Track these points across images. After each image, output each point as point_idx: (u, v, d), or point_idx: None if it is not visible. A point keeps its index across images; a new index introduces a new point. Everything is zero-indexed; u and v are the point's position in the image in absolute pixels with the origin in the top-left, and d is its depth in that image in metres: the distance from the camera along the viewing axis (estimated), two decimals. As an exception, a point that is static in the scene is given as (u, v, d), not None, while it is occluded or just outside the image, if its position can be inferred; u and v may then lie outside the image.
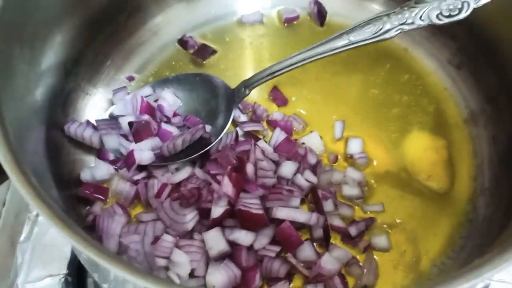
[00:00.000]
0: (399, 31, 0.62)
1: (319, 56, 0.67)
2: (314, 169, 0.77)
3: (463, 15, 0.60)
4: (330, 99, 0.86)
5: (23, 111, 0.65)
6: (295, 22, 0.94)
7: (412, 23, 0.61)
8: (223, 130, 0.77)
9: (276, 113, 0.84)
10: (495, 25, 0.78)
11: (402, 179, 0.78)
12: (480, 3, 0.59)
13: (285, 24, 0.94)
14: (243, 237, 0.67)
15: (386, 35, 0.63)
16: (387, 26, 0.62)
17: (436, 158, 0.77)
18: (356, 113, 0.84)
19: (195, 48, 0.91)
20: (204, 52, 0.90)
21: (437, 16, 0.60)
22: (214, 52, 0.91)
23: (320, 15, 0.94)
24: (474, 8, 0.60)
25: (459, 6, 0.59)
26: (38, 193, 0.51)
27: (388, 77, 0.88)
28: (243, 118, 0.83)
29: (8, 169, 0.47)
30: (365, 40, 0.64)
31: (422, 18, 0.61)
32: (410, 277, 0.69)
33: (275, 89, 0.87)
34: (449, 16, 0.60)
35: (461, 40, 0.86)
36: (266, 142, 0.80)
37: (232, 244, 0.67)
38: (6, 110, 0.57)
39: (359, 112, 0.84)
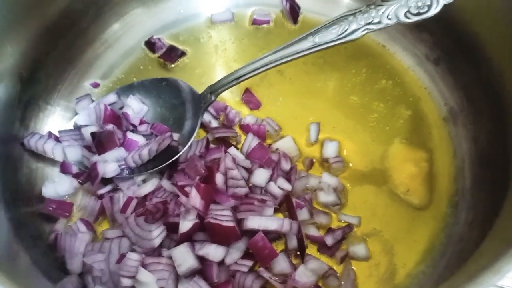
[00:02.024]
0: (365, 31, 0.59)
1: (284, 60, 0.63)
2: (288, 175, 0.74)
3: (432, 12, 0.56)
4: (305, 100, 0.83)
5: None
6: (264, 25, 0.90)
7: (379, 22, 0.58)
8: (191, 137, 0.73)
9: (248, 117, 0.81)
10: (471, 20, 0.75)
11: (380, 185, 0.75)
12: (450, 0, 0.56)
13: (253, 25, 0.90)
14: (214, 252, 0.64)
15: (353, 36, 0.59)
16: (353, 26, 0.59)
17: (416, 171, 0.74)
18: (332, 114, 0.81)
19: (163, 50, 0.87)
20: (172, 54, 0.86)
21: (405, 15, 0.57)
22: (183, 54, 0.87)
23: (293, 11, 0.90)
24: (446, 4, 0.56)
25: (428, 3, 0.56)
26: None
27: (366, 79, 0.84)
28: (214, 123, 0.80)
29: None
30: (331, 41, 0.60)
31: (390, 16, 0.57)
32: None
33: (247, 91, 0.83)
34: (418, 14, 0.56)
35: (438, 35, 0.83)
36: (238, 149, 0.76)
37: (202, 260, 0.64)
38: None
39: (335, 114, 0.81)
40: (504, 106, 0.71)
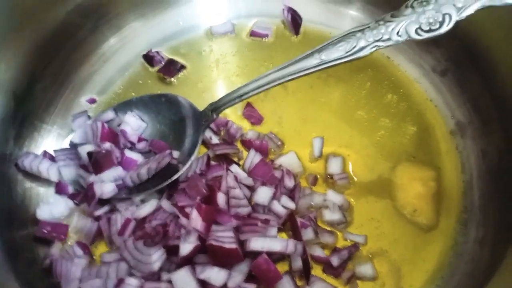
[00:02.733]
0: (374, 49, 0.56)
1: (289, 78, 0.61)
2: (292, 193, 0.72)
3: (444, 29, 0.54)
4: (308, 114, 0.80)
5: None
6: (263, 39, 0.87)
7: (389, 39, 0.55)
8: (192, 156, 0.71)
9: (250, 132, 0.79)
10: (480, 32, 0.73)
11: (386, 202, 0.72)
12: (463, 15, 0.53)
13: (251, 36, 0.88)
14: (215, 276, 0.61)
15: (361, 53, 0.57)
16: (362, 43, 0.56)
17: (423, 191, 0.72)
18: (336, 129, 0.79)
19: (162, 64, 0.84)
20: (171, 68, 0.84)
21: (416, 31, 0.54)
22: (182, 67, 0.84)
23: (295, 22, 0.88)
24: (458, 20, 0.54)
25: (440, 19, 0.54)
26: None
27: (371, 92, 0.82)
28: (215, 139, 0.77)
29: None
30: (338, 59, 0.58)
31: (400, 33, 0.55)
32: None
33: (249, 106, 0.81)
34: (429, 30, 0.54)
35: (445, 46, 0.81)
36: (240, 166, 0.74)
37: (204, 284, 0.62)
38: None
39: (340, 129, 0.79)
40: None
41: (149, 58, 0.85)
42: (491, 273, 0.60)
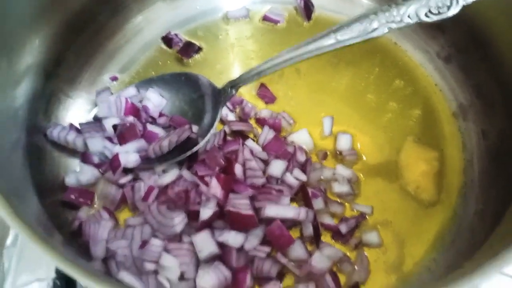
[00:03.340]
0: (386, 29, 0.61)
1: (306, 56, 0.66)
2: (304, 167, 0.76)
3: (452, 12, 0.58)
4: (319, 96, 0.85)
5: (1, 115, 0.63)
6: (276, 24, 0.92)
7: (400, 21, 0.60)
8: (210, 130, 0.75)
9: (264, 111, 0.83)
10: (484, 18, 0.77)
11: (392, 180, 0.77)
12: (470, 0, 0.58)
13: (264, 20, 0.92)
14: (233, 238, 0.66)
15: (374, 34, 0.61)
16: (375, 25, 0.61)
17: (427, 169, 0.76)
18: (346, 111, 0.83)
19: (180, 46, 0.89)
20: (188, 49, 0.88)
21: (425, 14, 0.59)
22: (199, 49, 0.89)
23: (307, 9, 0.92)
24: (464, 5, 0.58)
25: (448, 3, 0.58)
26: (16, 213, 0.50)
27: (379, 77, 0.86)
28: (231, 116, 0.82)
29: None
30: (352, 38, 0.62)
31: (410, 16, 0.60)
32: (393, 277, 0.69)
33: (262, 86, 0.85)
34: (438, 13, 0.59)
35: (449, 33, 0.85)
36: (255, 141, 0.79)
37: (222, 246, 0.66)
38: None
39: (349, 111, 0.83)
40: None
41: (167, 40, 0.89)
42: (486, 240, 0.65)
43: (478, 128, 0.81)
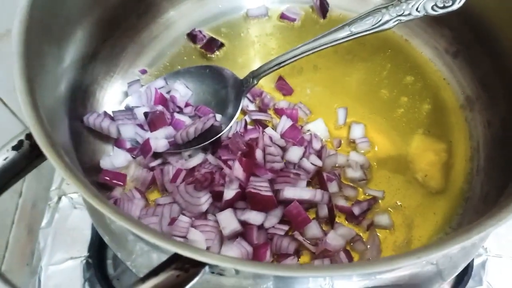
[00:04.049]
0: (397, 22, 0.66)
1: (323, 47, 0.72)
2: (319, 153, 0.82)
3: (456, 6, 0.64)
4: (334, 90, 0.91)
5: (52, 103, 0.69)
6: (291, 23, 0.98)
7: (409, 14, 0.66)
8: (233, 118, 0.81)
9: (282, 102, 0.89)
10: (489, 14, 0.82)
11: (402, 169, 0.82)
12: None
13: (281, 18, 0.98)
14: (254, 217, 0.72)
15: (385, 26, 0.67)
16: (386, 18, 0.67)
17: (435, 159, 0.81)
18: (359, 104, 0.88)
19: (204, 42, 0.95)
20: (212, 45, 0.95)
21: (432, 7, 0.64)
22: (221, 45, 0.95)
23: (323, 7, 0.98)
24: (467, -1, 0.64)
25: (453, -4, 0.64)
26: (74, 173, 0.56)
27: (391, 73, 0.92)
28: (251, 107, 0.88)
29: (47, 151, 0.51)
30: (365, 31, 0.68)
31: (418, 9, 0.65)
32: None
33: (280, 79, 0.91)
34: (444, 7, 0.64)
35: (457, 30, 0.90)
36: (273, 129, 0.85)
37: (244, 224, 0.72)
38: (40, 101, 0.61)
39: (363, 104, 0.88)
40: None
41: (192, 36, 0.96)
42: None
43: (483, 118, 0.86)
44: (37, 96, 0.59)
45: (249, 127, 0.85)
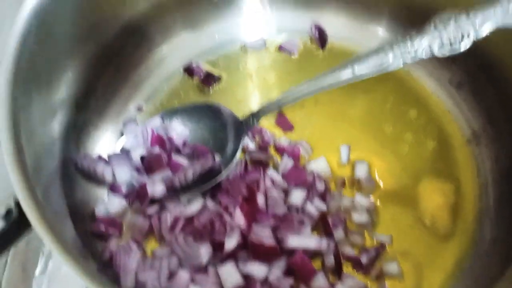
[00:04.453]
0: (402, 63, 0.64)
1: (324, 88, 0.69)
2: (323, 195, 0.79)
3: (463, 47, 0.61)
4: (336, 124, 0.87)
5: (39, 145, 0.66)
6: (291, 54, 0.95)
7: (415, 54, 0.63)
8: (233, 160, 0.78)
9: (283, 139, 0.86)
10: (493, 45, 0.79)
11: (409, 209, 0.79)
12: (481, 34, 0.60)
13: (279, 50, 0.95)
14: (257, 269, 0.68)
15: (390, 67, 0.64)
16: (390, 58, 0.64)
17: (443, 202, 0.79)
18: (363, 139, 0.85)
19: (201, 75, 0.92)
20: (209, 79, 0.91)
21: (438, 49, 0.62)
22: (218, 79, 0.92)
23: (321, 38, 0.95)
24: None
25: (460, 38, 0.61)
26: (59, 241, 0.53)
27: (394, 106, 0.89)
28: (251, 145, 0.85)
29: (37, 227, 0.48)
30: (369, 72, 0.65)
31: (424, 49, 0.62)
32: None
33: (280, 115, 0.88)
34: (451, 48, 0.61)
35: (460, 60, 0.88)
36: (275, 169, 0.81)
37: (246, 276, 0.69)
38: (25, 144, 0.59)
39: (365, 136, 0.86)
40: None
41: (189, 70, 0.92)
42: (504, 267, 0.67)
43: (491, 153, 0.83)
44: (21, 138, 0.56)
45: (249, 167, 0.81)
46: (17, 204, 0.52)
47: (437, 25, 0.63)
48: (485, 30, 0.61)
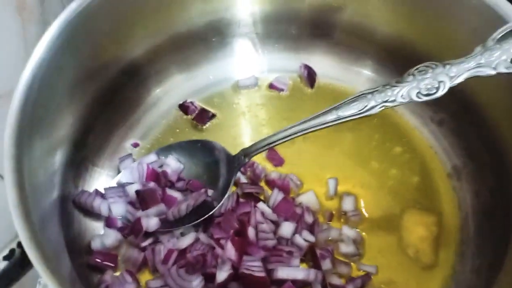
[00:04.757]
0: (382, 108, 0.68)
1: (311, 129, 0.73)
2: (311, 228, 0.82)
3: (439, 93, 0.66)
4: (323, 158, 0.92)
5: (39, 184, 0.70)
6: (280, 93, 1.00)
7: (394, 100, 0.68)
8: (225, 194, 0.81)
9: (273, 173, 0.90)
10: (473, 90, 0.84)
11: (393, 240, 0.82)
12: (455, 83, 0.66)
13: (270, 88, 1.01)
14: (248, 301, 0.71)
15: (371, 111, 0.69)
16: (372, 103, 0.69)
17: (426, 234, 0.82)
18: (348, 171, 0.90)
19: (195, 113, 0.97)
20: (203, 116, 0.96)
21: (416, 95, 0.67)
22: (213, 116, 0.97)
23: (310, 77, 1.01)
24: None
25: (436, 86, 0.66)
26: (55, 275, 0.55)
27: (380, 142, 0.93)
28: (242, 179, 0.88)
29: (31, 255, 0.51)
30: (352, 115, 0.70)
31: (403, 96, 0.67)
32: None
33: (271, 150, 0.92)
34: (428, 94, 0.66)
35: (441, 99, 0.93)
36: (265, 202, 0.85)
37: (237, 308, 0.71)
38: (27, 184, 0.62)
39: (352, 171, 0.90)
40: (506, 165, 0.80)
41: (184, 108, 0.97)
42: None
43: (471, 187, 0.87)
44: (28, 192, 0.59)
45: (241, 200, 0.85)
46: (19, 245, 0.55)
47: (415, 75, 0.69)
48: (460, 79, 0.66)
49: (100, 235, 0.80)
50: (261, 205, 0.83)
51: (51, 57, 0.70)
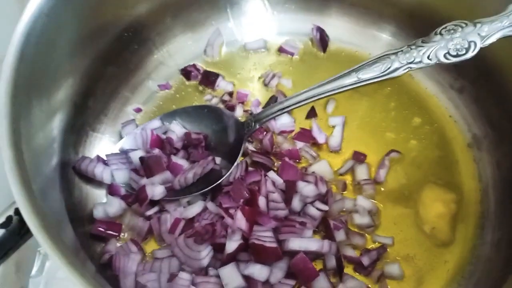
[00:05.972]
0: (407, 70, 0.63)
1: (327, 94, 0.68)
2: (325, 198, 0.78)
3: (470, 54, 0.61)
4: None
5: (38, 150, 0.66)
6: (288, 56, 0.95)
7: (420, 62, 0.62)
8: (234, 163, 0.77)
9: (284, 145, 0.85)
10: (496, 53, 0.79)
11: (411, 212, 0.79)
12: (487, 43, 0.60)
13: (279, 52, 0.95)
14: (258, 271, 0.68)
15: (395, 74, 0.63)
16: (395, 65, 0.63)
17: (444, 211, 0.78)
18: (365, 141, 0.85)
19: (198, 77, 0.91)
20: (209, 78, 0.91)
21: (444, 56, 0.61)
22: (217, 76, 0.91)
23: (323, 41, 0.95)
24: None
25: (466, 46, 0.61)
26: (55, 244, 0.52)
27: (397, 113, 0.89)
28: (251, 147, 0.84)
29: (30, 223, 0.47)
30: (373, 78, 0.65)
31: (430, 57, 0.62)
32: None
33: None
34: (457, 55, 0.61)
35: (461, 66, 0.87)
36: (275, 172, 0.81)
37: (248, 279, 0.68)
38: (25, 149, 0.58)
39: (370, 147, 0.85)
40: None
41: (186, 73, 0.92)
42: (506, 273, 0.67)
43: (492, 158, 0.83)
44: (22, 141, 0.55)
45: (250, 169, 0.81)
46: (17, 212, 0.51)
47: (443, 34, 0.63)
48: (492, 39, 0.61)
49: (103, 203, 0.76)
50: (271, 174, 0.79)
51: (49, 11, 0.64)
